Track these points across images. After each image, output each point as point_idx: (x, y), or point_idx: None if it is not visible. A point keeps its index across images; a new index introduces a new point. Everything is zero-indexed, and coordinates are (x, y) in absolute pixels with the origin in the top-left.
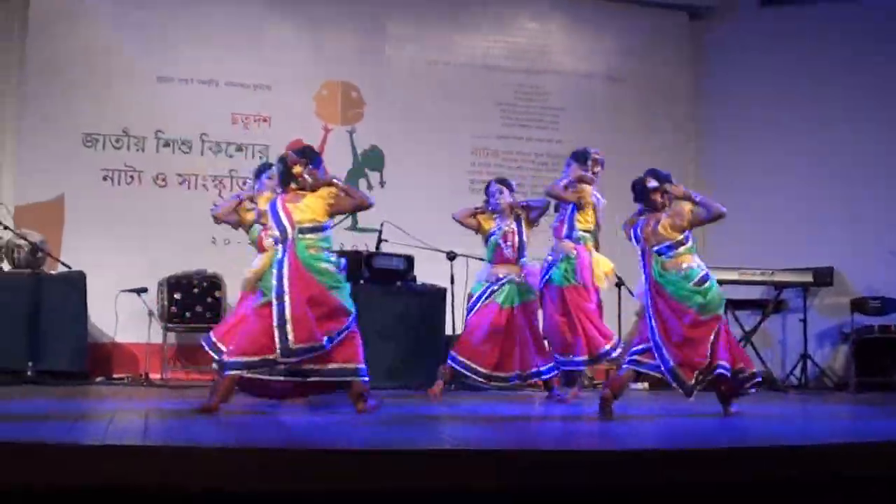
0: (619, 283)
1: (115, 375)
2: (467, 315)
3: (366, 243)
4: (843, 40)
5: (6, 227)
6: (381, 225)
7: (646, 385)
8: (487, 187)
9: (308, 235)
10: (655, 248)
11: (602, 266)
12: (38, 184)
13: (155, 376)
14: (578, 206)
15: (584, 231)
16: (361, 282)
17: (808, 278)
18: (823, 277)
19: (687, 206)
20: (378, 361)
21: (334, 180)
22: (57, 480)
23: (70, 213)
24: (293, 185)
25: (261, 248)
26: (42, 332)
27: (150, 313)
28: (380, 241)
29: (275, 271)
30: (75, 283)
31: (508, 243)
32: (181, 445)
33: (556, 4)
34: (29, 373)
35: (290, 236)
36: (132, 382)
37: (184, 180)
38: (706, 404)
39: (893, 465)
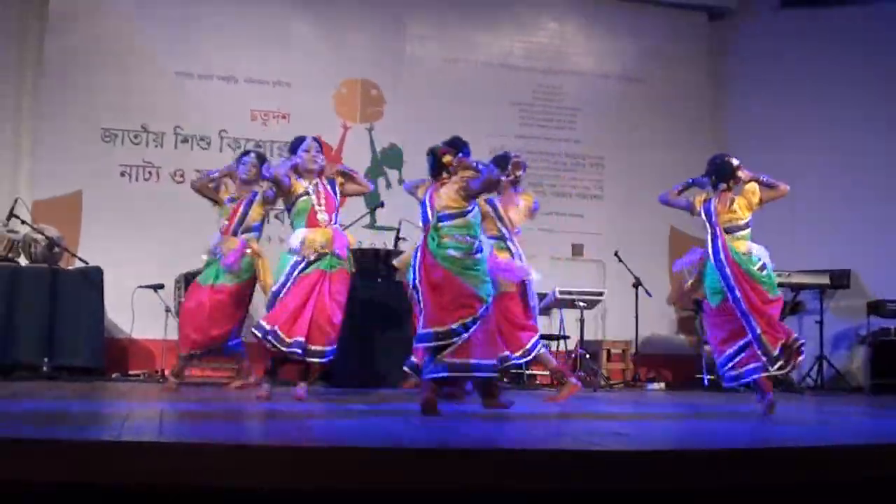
0: (637, 284)
1: (131, 372)
2: None
3: (384, 241)
4: (861, 42)
5: (24, 222)
6: (399, 223)
7: (662, 385)
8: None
9: (443, 223)
10: (726, 227)
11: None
12: (55, 179)
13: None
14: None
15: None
16: (379, 280)
17: (825, 280)
18: (840, 280)
19: (755, 187)
20: (398, 358)
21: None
22: (72, 477)
23: (87, 209)
24: (444, 175)
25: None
26: (59, 328)
27: (167, 309)
28: (398, 238)
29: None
30: (92, 279)
31: None
32: (196, 442)
33: (575, 5)
34: (45, 368)
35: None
36: (148, 379)
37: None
38: (719, 404)
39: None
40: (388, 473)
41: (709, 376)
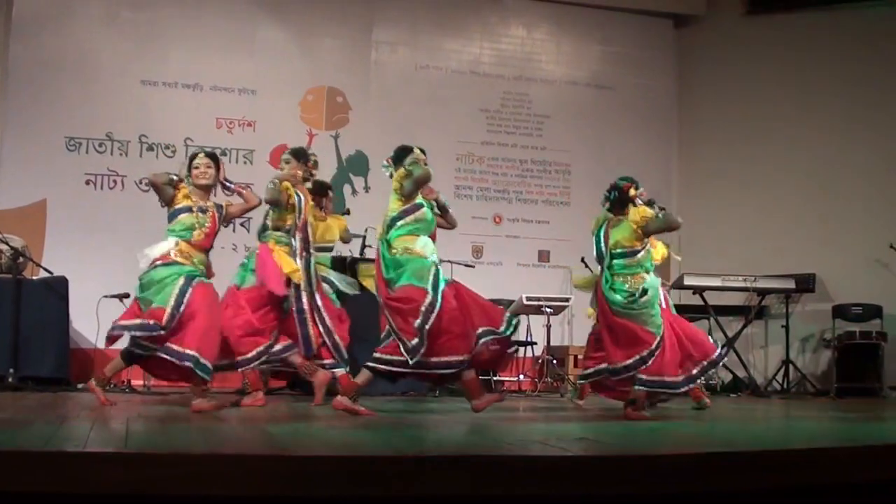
0: None
1: None
2: None
3: (350, 249)
4: (826, 49)
5: None
6: (366, 230)
7: None
8: None
9: (615, 261)
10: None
11: (286, 266)
12: (20, 188)
13: (137, 383)
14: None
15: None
16: None
17: (791, 285)
18: (805, 284)
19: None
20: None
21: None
22: (37, 488)
23: (52, 218)
24: (626, 209)
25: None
26: (24, 338)
27: None
28: (364, 246)
29: None
30: (57, 289)
31: None
32: (162, 452)
33: (544, 13)
34: (10, 379)
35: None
36: (114, 389)
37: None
38: (683, 407)
39: (870, 470)
40: (354, 482)
41: None
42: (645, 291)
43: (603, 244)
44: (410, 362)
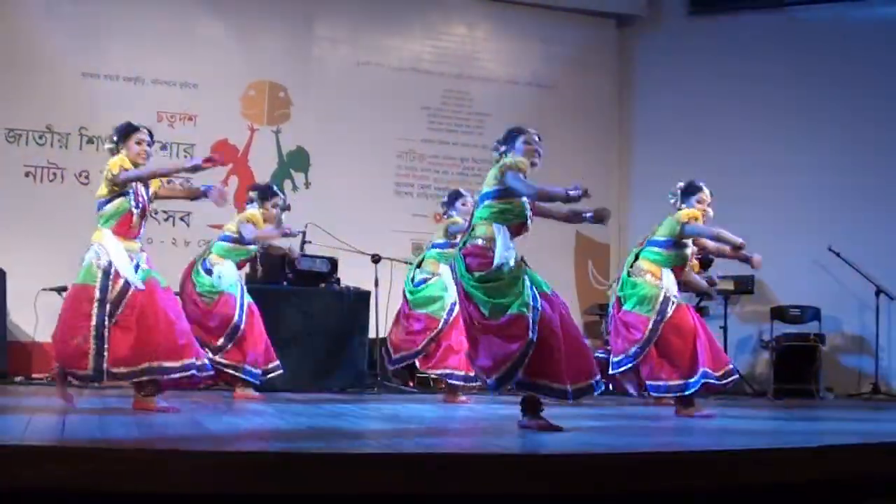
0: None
1: (34, 375)
2: None
3: (290, 244)
4: (768, 50)
5: None
6: (306, 226)
7: None
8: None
9: None
10: None
11: None
12: None
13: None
14: None
15: None
16: (285, 283)
17: (730, 286)
18: (744, 285)
19: None
20: (301, 364)
21: None
22: None
23: None
24: None
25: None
26: None
27: None
28: (304, 242)
29: None
30: None
31: None
32: (98, 445)
33: (486, 11)
34: None
35: None
36: (52, 383)
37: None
38: (619, 408)
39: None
40: (296, 478)
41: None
42: None
43: None
44: None
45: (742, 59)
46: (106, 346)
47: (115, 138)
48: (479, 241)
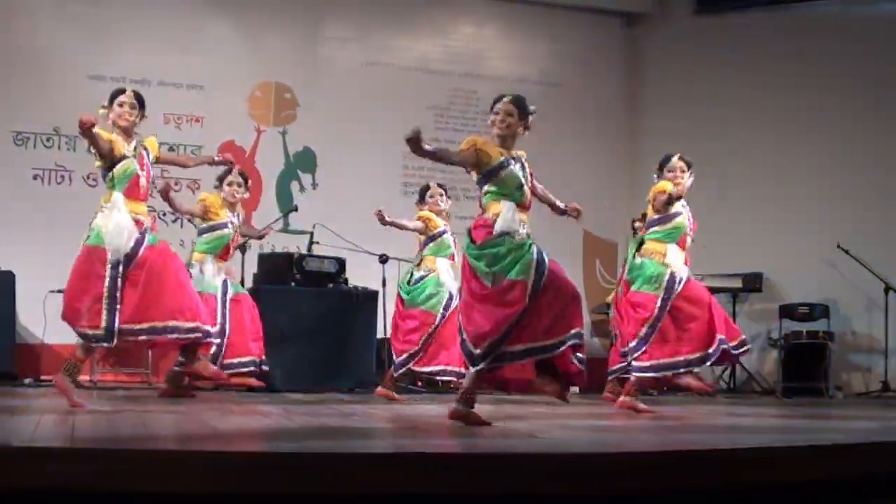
0: None
1: (43, 377)
2: None
3: (297, 245)
4: (775, 47)
5: None
6: (313, 227)
7: (576, 388)
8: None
9: None
10: None
11: None
12: None
13: (83, 378)
14: None
15: None
16: (292, 284)
17: (738, 284)
18: (753, 283)
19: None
20: (309, 364)
21: None
22: None
23: None
24: None
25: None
26: None
27: None
28: (311, 243)
29: None
30: (4, 284)
31: None
32: (108, 448)
33: (493, 10)
34: None
35: None
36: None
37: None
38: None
39: (815, 470)
40: (304, 478)
41: None
42: None
43: None
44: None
45: (749, 57)
46: (118, 305)
47: (105, 102)
48: (488, 216)
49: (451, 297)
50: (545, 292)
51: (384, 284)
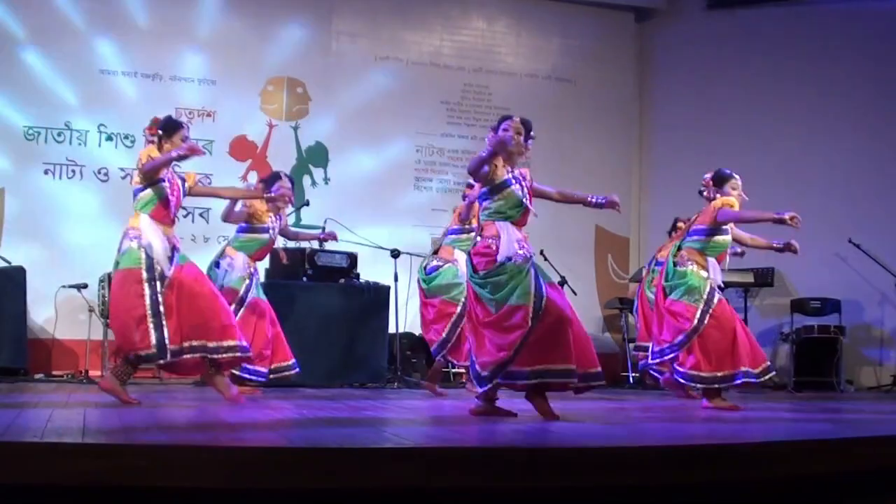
0: (563, 283)
1: (54, 372)
2: None
3: (309, 241)
4: (786, 43)
5: None
6: (325, 222)
7: None
8: None
9: None
10: None
11: None
12: None
13: (94, 373)
14: None
15: None
16: (304, 279)
17: (750, 279)
18: (764, 278)
19: None
20: (320, 359)
21: None
22: None
23: (10, 208)
24: None
25: None
26: None
27: (91, 309)
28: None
29: None
30: (15, 279)
31: None
32: (118, 443)
33: (504, 5)
34: None
35: None
36: (72, 379)
37: (126, 175)
38: (645, 402)
39: (826, 464)
40: (306, 474)
41: (634, 374)
42: None
43: None
44: None
45: (760, 52)
46: (164, 322)
47: (159, 131)
48: (487, 241)
49: None
50: (547, 315)
51: (396, 279)
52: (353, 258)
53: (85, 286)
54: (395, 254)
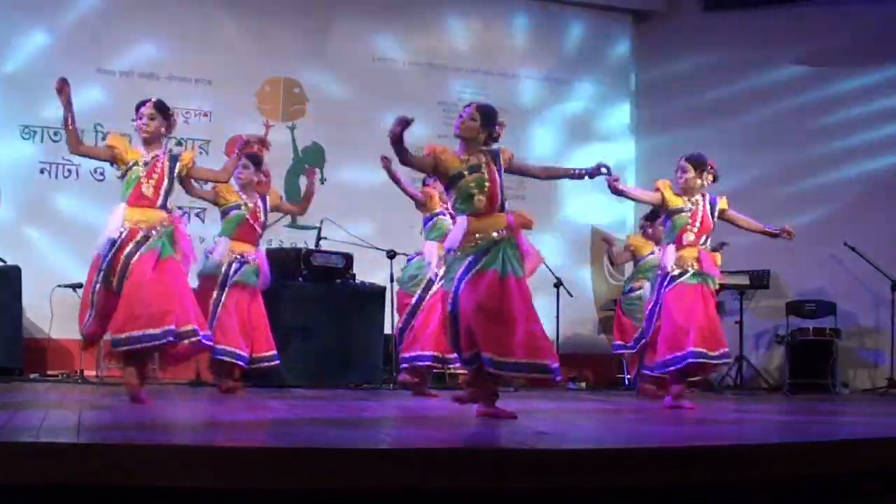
0: (558, 285)
1: (49, 372)
2: None
3: (305, 241)
4: (782, 45)
5: None
6: (321, 222)
7: (583, 385)
8: None
9: None
10: None
11: None
12: None
13: (90, 373)
14: None
15: None
16: (300, 279)
17: (745, 281)
18: (760, 280)
19: None
20: (316, 360)
21: None
22: None
23: (6, 207)
24: None
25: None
26: None
27: None
28: (319, 238)
29: None
30: (10, 278)
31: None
32: (115, 443)
33: (502, 7)
34: None
35: None
36: (67, 379)
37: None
38: (639, 403)
39: (822, 466)
40: (300, 474)
41: (628, 376)
42: None
43: None
44: None
45: (757, 55)
46: (94, 311)
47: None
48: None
49: (430, 282)
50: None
51: (392, 280)
52: (348, 259)
53: (80, 286)
54: (391, 254)
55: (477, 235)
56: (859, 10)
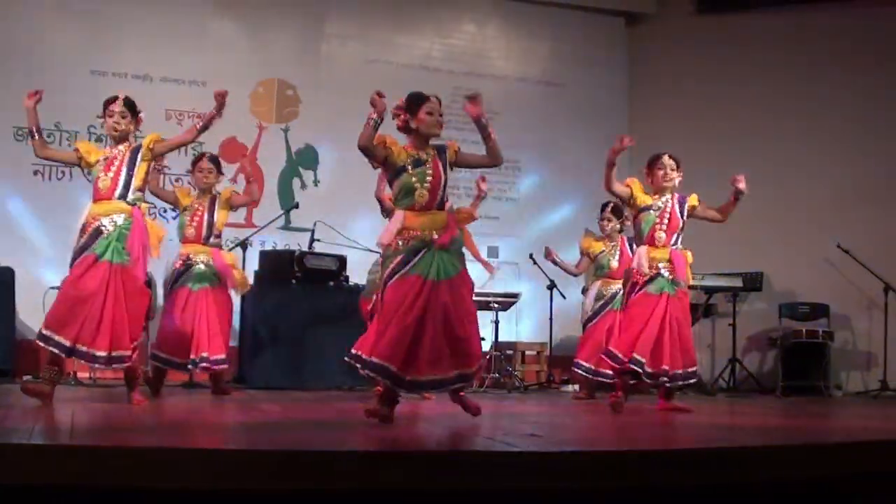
0: (552, 287)
1: (42, 374)
2: None
3: (298, 243)
4: (775, 48)
5: None
6: (314, 224)
7: (576, 387)
8: None
9: None
10: None
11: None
12: None
13: (83, 375)
14: None
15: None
16: (293, 282)
17: (738, 283)
18: (753, 282)
19: None
20: (309, 362)
21: None
22: None
23: None
24: None
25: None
26: None
27: None
28: (312, 240)
29: None
30: (3, 280)
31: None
32: (107, 445)
33: (495, 8)
34: None
35: None
36: (60, 381)
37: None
38: (630, 405)
39: (815, 468)
40: (292, 477)
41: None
42: None
43: None
44: None
45: (750, 57)
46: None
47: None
48: None
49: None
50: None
51: None
52: (342, 261)
53: None
54: None
55: (412, 232)
56: (851, 13)
